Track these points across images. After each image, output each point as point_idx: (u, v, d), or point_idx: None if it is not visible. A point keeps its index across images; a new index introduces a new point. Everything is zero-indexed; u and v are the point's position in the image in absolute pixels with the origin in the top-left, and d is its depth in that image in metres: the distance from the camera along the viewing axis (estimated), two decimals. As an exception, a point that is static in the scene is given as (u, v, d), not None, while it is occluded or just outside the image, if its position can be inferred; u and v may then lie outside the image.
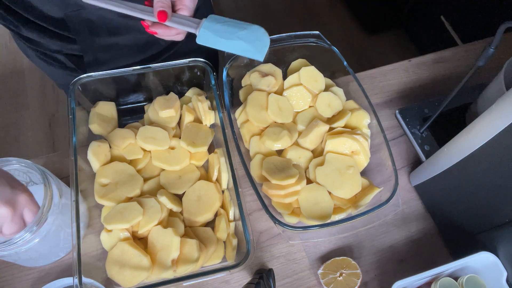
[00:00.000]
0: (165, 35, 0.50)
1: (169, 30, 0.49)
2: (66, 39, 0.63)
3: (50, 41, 0.63)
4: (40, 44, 0.65)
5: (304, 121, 0.68)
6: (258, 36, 0.48)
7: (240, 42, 0.48)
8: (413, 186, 0.71)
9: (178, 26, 0.48)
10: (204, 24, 0.48)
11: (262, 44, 0.48)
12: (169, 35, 0.50)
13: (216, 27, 0.48)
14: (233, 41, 0.48)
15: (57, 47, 0.65)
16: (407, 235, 0.67)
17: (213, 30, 0.48)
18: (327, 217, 0.58)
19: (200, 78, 0.70)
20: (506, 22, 0.48)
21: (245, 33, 0.48)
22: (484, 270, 0.57)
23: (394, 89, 0.83)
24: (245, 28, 0.48)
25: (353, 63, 0.74)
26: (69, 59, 0.68)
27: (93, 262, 0.54)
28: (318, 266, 0.62)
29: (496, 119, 0.48)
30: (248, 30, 0.48)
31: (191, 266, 0.53)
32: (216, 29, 0.48)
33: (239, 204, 0.55)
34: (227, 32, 0.48)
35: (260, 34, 0.49)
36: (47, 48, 0.66)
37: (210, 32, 0.48)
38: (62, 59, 0.68)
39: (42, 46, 0.66)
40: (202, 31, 0.48)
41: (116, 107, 0.69)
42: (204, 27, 0.48)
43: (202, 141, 0.65)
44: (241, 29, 0.48)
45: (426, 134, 0.74)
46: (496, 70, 0.67)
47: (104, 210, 0.59)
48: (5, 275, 0.60)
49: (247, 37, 0.48)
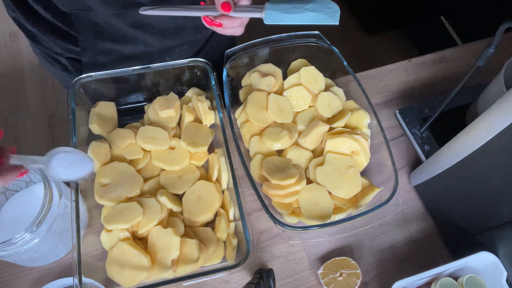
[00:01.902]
0: (229, 26, 0.50)
1: (233, 21, 0.50)
2: (68, 37, 0.63)
3: (52, 39, 0.63)
4: (43, 43, 0.65)
5: (304, 121, 0.68)
6: (325, 4, 0.49)
7: (310, 13, 0.48)
8: (413, 186, 0.71)
9: (242, 15, 0.49)
10: (268, 6, 0.49)
11: (332, 10, 0.48)
12: (232, 26, 0.50)
13: (280, 6, 0.49)
14: (302, 14, 0.48)
15: (59, 48, 0.65)
16: (407, 235, 0.67)
17: (278, 10, 0.49)
18: (327, 217, 0.58)
19: (200, 78, 0.70)
20: (506, 22, 0.48)
21: (312, 5, 0.48)
22: (484, 270, 0.57)
23: (394, 89, 0.83)
24: (310, 1, 0.49)
25: (353, 63, 0.74)
26: (70, 63, 0.68)
27: (93, 262, 0.54)
28: (318, 266, 0.62)
29: (496, 119, 0.48)
30: (314, 3, 0.49)
31: (191, 266, 0.53)
32: (281, 8, 0.49)
33: (239, 204, 0.55)
34: (293, 7, 0.49)
35: (327, 3, 0.49)
36: (50, 49, 0.66)
37: (276, 12, 0.49)
38: (64, 62, 0.68)
39: (45, 46, 0.66)
40: (268, 13, 0.49)
41: (116, 107, 0.69)
42: (268, 9, 0.49)
43: (202, 141, 0.65)
44: (306, 2, 0.49)
45: (426, 134, 0.74)
46: (496, 70, 0.67)
47: (104, 210, 0.59)
48: (5, 275, 0.60)
49: (315, 8, 0.48)
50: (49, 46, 0.66)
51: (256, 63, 0.72)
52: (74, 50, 0.65)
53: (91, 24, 0.60)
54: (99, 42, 0.63)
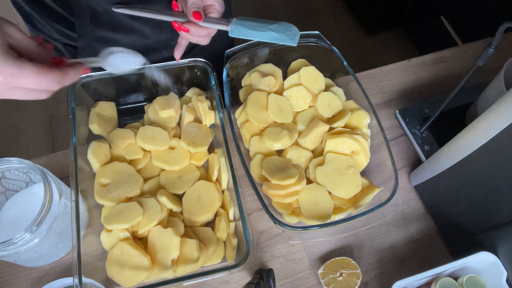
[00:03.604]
0: (195, 34, 0.52)
1: (200, 30, 0.52)
2: (65, 22, 0.63)
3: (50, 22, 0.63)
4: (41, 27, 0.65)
5: (304, 121, 0.68)
6: (287, 27, 0.52)
7: (272, 33, 0.51)
8: (413, 186, 0.71)
9: (210, 26, 0.51)
10: (234, 21, 0.52)
11: (293, 33, 0.51)
12: (198, 35, 0.52)
13: (246, 23, 0.52)
14: (265, 33, 0.51)
15: (57, 32, 0.65)
16: (407, 235, 0.67)
17: (244, 26, 0.51)
18: (327, 217, 0.58)
19: (200, 78, 0.70)
20: (506, 22, 0.48)
21: (275, 26, 0.51)
22: (484, 270, 0.57)
23: (394, 89, 0.83)
24: (274, 23, 0.52)
25: (353, 63, 0.74)
26: (66, 50, 0.68)
27: (93, 262, 0.54)
28: (318, 266, 0.62)
29: (496, 119, 0.48)
30: (277, 24, 0.52)
31: (191, 266, 0.53)
32: (247, 24, 0.51)
33: (239, 204, 0.55)
34: (257, 26, 0.51)
35: (289, 26, 0.52)
36: (47, 35, 0.66)
37: (241, 27, 0.51)
38: (60, 48, 0.69)
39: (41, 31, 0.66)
40: (233, 27, 0.51)
41: (116, 107, 0.69)
42: (235, 24, 0.51)
43: (202, 141, 0.65)
44: (270, 23, 0.52)
45: (426, 134, 0.74)
46: (496, 70, 0.67)
47: (104, 210, 0.59)
48: (5, 275, 0.60)
49: (277, 29, 0.51)
50: (47, 31, 0.66)
51: (256, 63, 0.72)
52: (70, 35, 0.65)
53: (89, 10, 0.60)
54: (96, 29, 0.63)
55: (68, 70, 0.41)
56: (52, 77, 0.38)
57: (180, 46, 0.58)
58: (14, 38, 0.38)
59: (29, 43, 0.40)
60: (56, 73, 0.39)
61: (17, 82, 0.37)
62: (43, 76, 0.38)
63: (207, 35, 0.53)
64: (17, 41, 0.38)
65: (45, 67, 0.38)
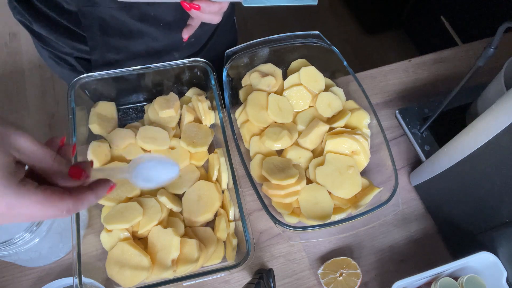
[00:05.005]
0: (206, 10, 0.50)
1: (212, 5, 0.49)
2: (76, 36, 0.63)
3: (60, 39, 0.63)
4: (51, 43, 0.65)
5: (304, 121, 0.68)
6: None
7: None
8: (413, 186, 0.71)
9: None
10: None
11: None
12: (210, 11, 0.50)
13: None
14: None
15: (68, 47, 0.65)
16: (407, 235, 0.67)
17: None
18: (327, 217, 0.58)
19: (200, 78, 0.70)
20: (506, 22, 0.48)
21: None
22: (484, 270, 0.57)
23: (394, 89, 0.83)
24: None
25: (353, 63, 0.74)
26: (79, 63, 0.68)
27: (93, 262, 0.54)
28: (318, 266, 0.62)
29: (496, 119, 0.48)
30: None
31: (191, 266, 0.53)
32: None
33: (239, 204, 0.55)
34: None
35: None
36: (58, 50, 0.66)
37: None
38: (72, 62, 0.68)
39: (53, 47, 0.66)
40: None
41: (116, 107, 0.69)
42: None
43: (202, 141, 0.65)
44: None
45: (426, 134, 0.74)
46: (496, 70, 0.67)
47: (104, 210, 0.59)
48: (5, 275, 0.60)
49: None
50: (58, 46, 0.66)
51: (256, 63, 0.72)
52: (83, 49, 0.65)
53: (97, 20, 0.60)
54: (106, 38, 0.63)
55: (84, 193, 0.35)
56: (61, 206, 0.32)
57: (190, 26, 0.56)
58: (23, 150, 0.32)
59: (43, 156, 0.33)
60: (67, 201, 0.33)
61: (18, 212, 0.31)
62: (50, 207, 0.32)
63: (219, 10, 0.51)
64: (27, 154, 0.32)
65: (54, 194, 0.32)
